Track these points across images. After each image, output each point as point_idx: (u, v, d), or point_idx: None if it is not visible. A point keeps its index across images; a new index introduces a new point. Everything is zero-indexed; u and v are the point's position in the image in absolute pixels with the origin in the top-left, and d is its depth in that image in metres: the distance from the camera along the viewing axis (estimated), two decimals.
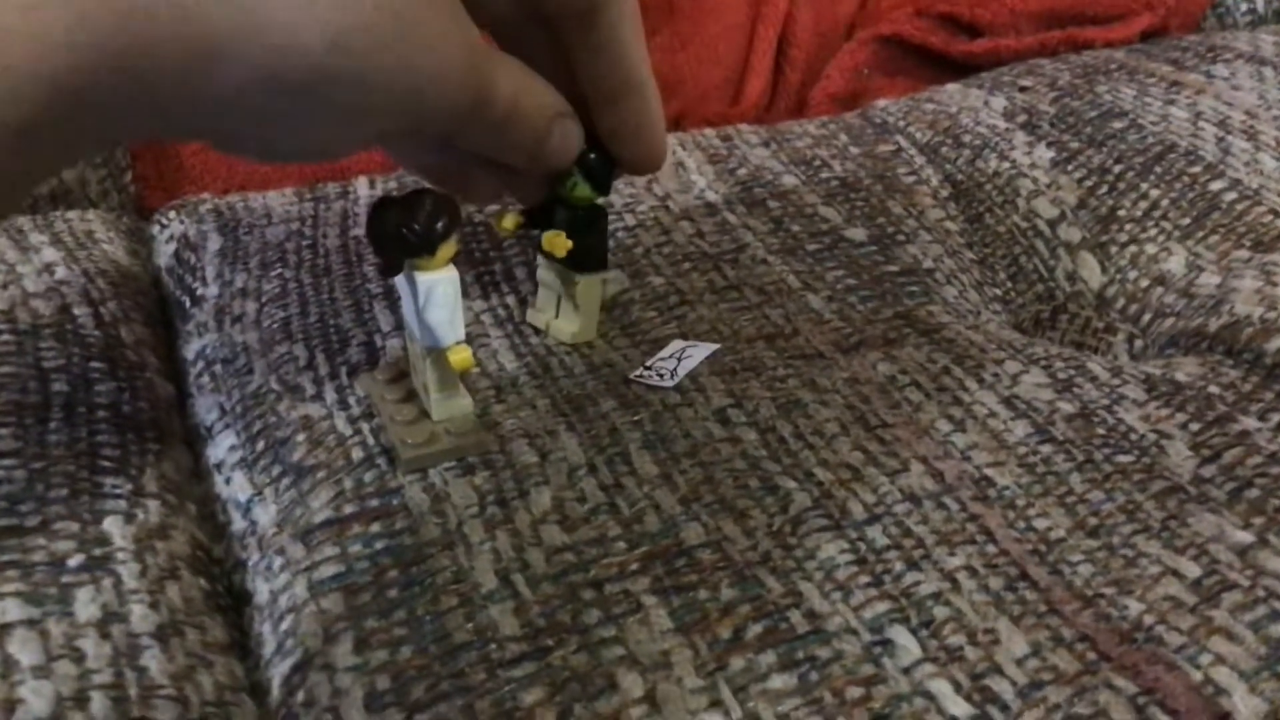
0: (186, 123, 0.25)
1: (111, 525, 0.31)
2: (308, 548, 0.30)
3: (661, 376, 0.35)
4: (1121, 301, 0.43)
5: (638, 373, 0.35)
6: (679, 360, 0.36)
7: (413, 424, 0.32)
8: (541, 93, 0.31)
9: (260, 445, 0.34)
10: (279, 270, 0.41)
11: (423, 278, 0.30)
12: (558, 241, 0.34)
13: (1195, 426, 0.33)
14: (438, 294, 0.30)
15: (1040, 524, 0.29)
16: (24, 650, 0.27)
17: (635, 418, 0.33)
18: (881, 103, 0.55)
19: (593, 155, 0.33)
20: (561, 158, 0.32)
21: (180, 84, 0.23)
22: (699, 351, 0.36)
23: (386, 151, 0.37)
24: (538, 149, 0.31)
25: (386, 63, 0.24)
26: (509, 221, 0.35)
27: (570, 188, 0.34)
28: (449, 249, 0.30)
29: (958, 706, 0.25)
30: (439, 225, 0.30)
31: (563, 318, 0.37)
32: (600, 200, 0.35)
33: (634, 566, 0.28)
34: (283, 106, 0.24)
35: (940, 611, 0.27)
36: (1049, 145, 0.49)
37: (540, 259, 0.37)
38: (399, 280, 0.31)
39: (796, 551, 0.29)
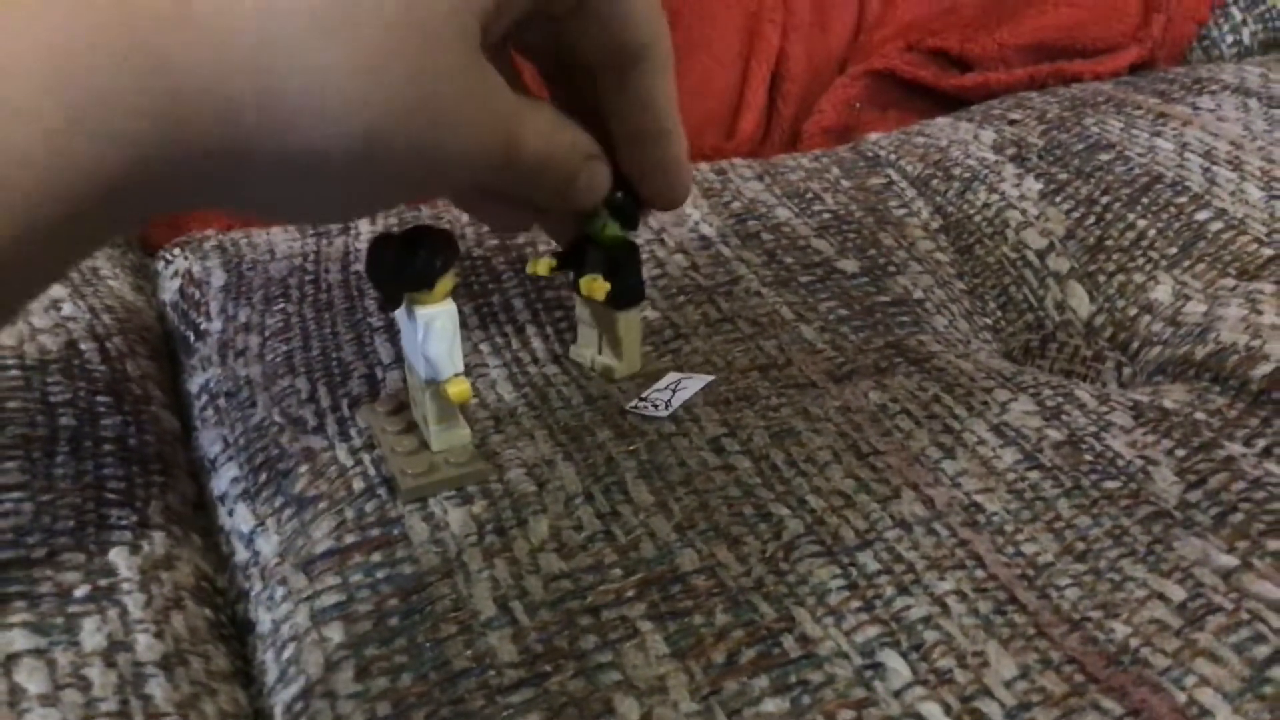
0: (222, 198, 0.26)
1: (117, 556, 0.31)
2: (309, 577, 0.31)
3: (656, 407, 0.36)
4: (1109, 330, 0.44)
5: (633, 404, 0.36)
6: (674, 391, 0.37)
7: (413, 455, 0.33)
8: (571, 138, 0.31)
9: (263, 477, 0.35)
10: (282, 305, 0.42)
11: (422, 312, 0.31)
12: (596, 287, 0.35)
13: (1181, 452, 0.33)
14: (436, 328, 0.31)
15: (1029, 549, 0.30)
16: (31, 679, 0.27)
17: (631, 447, 0.34)
18: (873, 136, 0.56)
19: (620, 195, 0.34)
20: (590, 198, 0.33)
21: (214, 180, 0.24)
22: (694, 383, 0.37)
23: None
24: (566, 190, 0.32)
25: (417, 145, 0.25)
26: (542, 266, 0.36)
27: (600, 229, 0.35)
28: (447, 283, 0.31)
29: None
30: (437, 261, 0.30)
31: (606, 353, 0.37)
32: (630, 236, 0.36)
33: (630, 593, 0.29)
34: (317, 189, 0.25)
35: (930, 635, 0.28)
36: (1037, 177, 0.50)
37: (577, 298, 0.37)
38: (399, 314, 0.32)
39: (789, 577, 0.29)
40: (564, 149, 0.31)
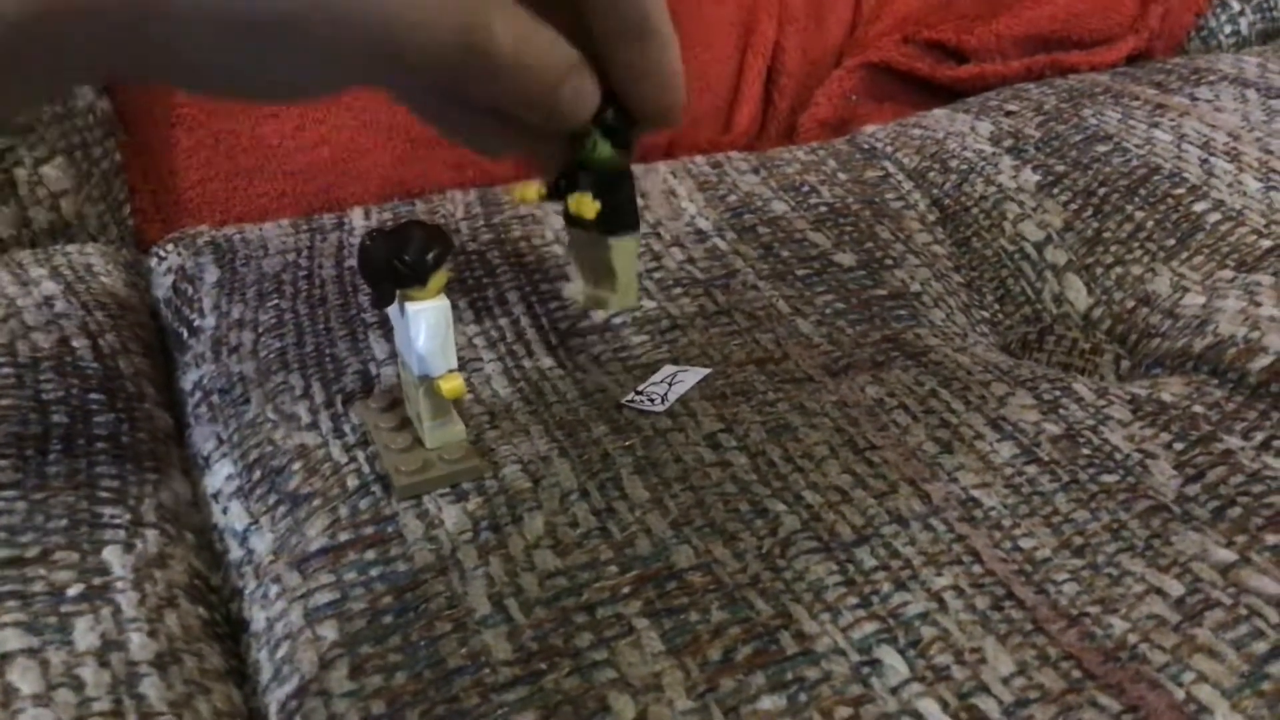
0: (149, 57, 0.24)
1: (110, 555, 0.31)
2: (303, 575, 0.30)
3: (652, 401, 0.35)
4: (1108, 322, 0.43)
5: (629, 398, 0.36)
6: (670, 385, 0.36)
7: (406, 452, 0.33)
8: (551, 44, 0.29)
9: (257, 474, 0.35)
10: (275, 301, 0.42)
11: (414, 308, 0.31)
12: (584, 202, 0.33)
13: (1179, 446, 0.33)
14: (429, 323, 0.31)
15: (1026, 544, 0.30)
16: (24, 679, 0.27)
17: (627, 443, 0.34)
18: (869, 128, 0.56)
19: (610, 110, 0.32)
20: (576, 113, 0.31)
21: (128, 24, 0.22)
22: (690, 376, 0.37)
23: (389, 94, 0.35)
24: (549, 103, 0.30)
25: (352, 9, 0.24)
26: (531, 191, 0.34)
27: (590, 148, 0.33)
28: (440, 279, 0.31)
29: None
30: (429, 256, 0.30)
31: (601, 287, 0.35)
32: (623, 160, 0.33)
33: (626, 590, 0.29)
34: (247, 43, 0.24)
35: (927, 631, 0.27)
36: (1035, 169, 0.50)
37: (569, 231, 0.35)
38: (391, 310, 0.32)
39: (786, 573, 0.29)
40: (542, 50, 0.29)
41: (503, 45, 0.27)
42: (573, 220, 0.34)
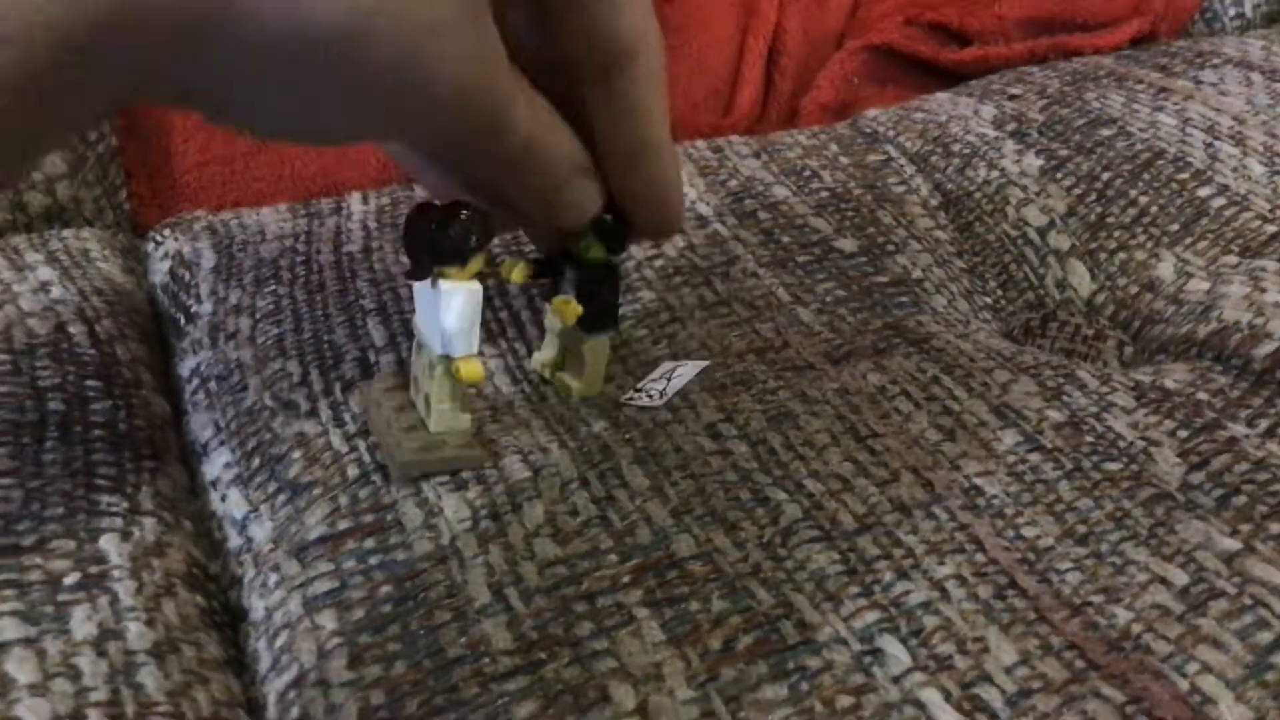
0: (182, 84, 0.24)
1: (108, 543, 0.31)
2: (302, 564, 0.30)
3: (651, 397, 0.35)
4: (1111, 308, 0.43)
5: (628, 395, 0.35)
6: (668, 380, 0.36)
7: (410, 431, 0.32)
8: (565, 142, 0.30)
9: (256, 462, 0.35)
10: (273, 287, 0.42)
11: (448, 286, 0.30)
12: (568, 310, 0.34)
13: (1183, 433, 0.33)
14: (460, 304, 0.30)
15: (1029, 532, 0.30)
16: (21, 669, 0.27)
17: (626, 435, 0.33)
18: (871, 112, 0.56)
19: (608, 217, 0.32)
20: (577, 216, 0.32)
21: (181, 40, 0.22)
22: (688, 370, 0.36)
23: (400, 164, 0.35)
24: (553, 200, 0.31)
25: (406, 48, 0.24)
26: (518, 273, 0.34)
27: (584, 249, 0.33)
28: (478, 263, 0.30)
29: (947, 715, 0.25)
30: (473, 237, 0.30)
31: (569, 370, 0.36)
32: (613, 260, 0.34)
33: (626, 579, 0.29)
34: (279, 77, 0.24)
35: (930, 620, 0.27)
36: (1038, 153, 0.49)
37: (548, 309, 0.36)
38: (420, 287, 0.31)
39: (787, 562, 0.29)
40: (555, 150, 0.30)
41: (520, 131, 0.28)
42: (552, 298, 0.35)
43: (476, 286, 0.30)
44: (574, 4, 0.29)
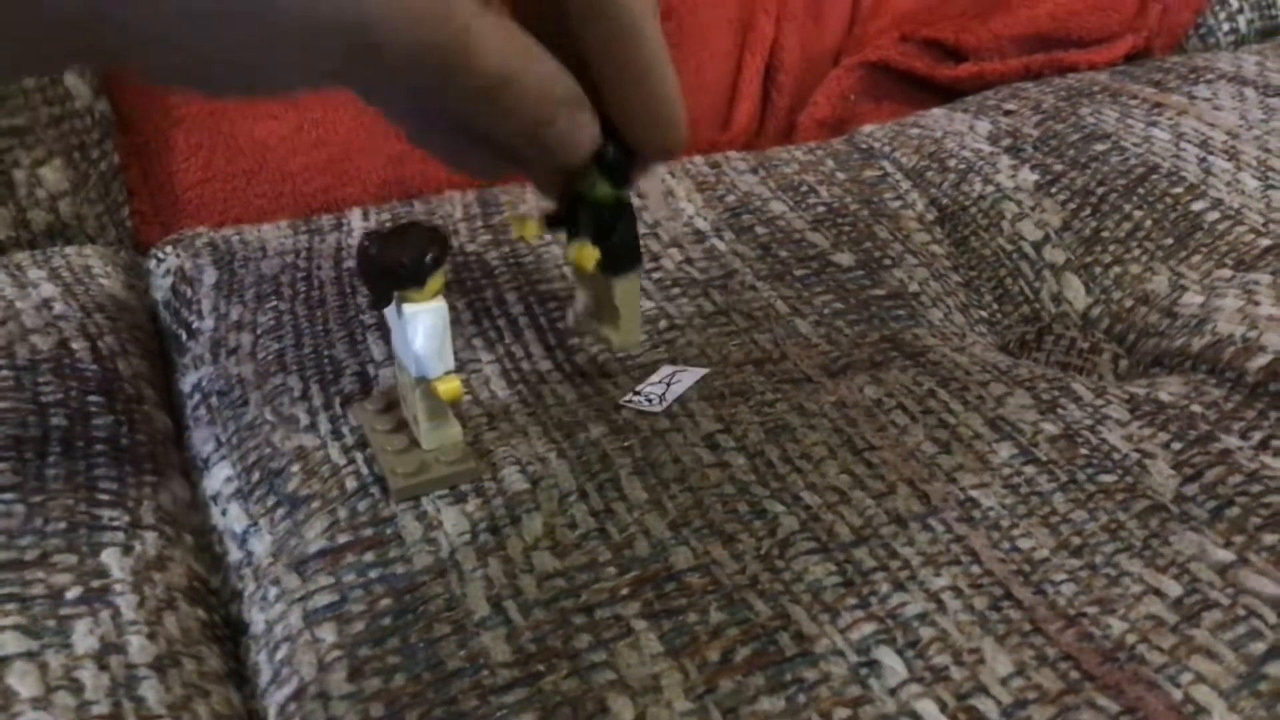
0: (120, 30, 0.23)
1: (109, 557, 0.31)
2: (302, 578, 0.31)
3: (650, 402, 0.35)
4: (1106, 322, 0.43)
5: (627, 398, 0.36)
6: (668, 385, 0.36)
7: (403, 453, 0.33)
8: (549, 70, 0.28)
9: (256, 476, 0.35)
10: (274, 302, 0.42)
11: (411, 309, 0.31)
12: (585, 255, 0.33)
13: (1177, 446, 0.33)
14: (426, 325, 0.31)
15: (1024, 544, 0.30)
16: (23, 682, 0.27)
17: (625, 444, 0.34)
18: (868, 128, 0.56)
19: (609, 148, 0.31)
20: (571, 150, 0.30)
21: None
22: (688, 376, 0.37)
23: (367, 101, 0.34)
24: (544, 135, 0.29)
25: None
26: (530, 229, 0.33)
27: (590, 187, 0.32)
28: (437, 281, 0.31)
29: None
30: (427, 258, 0.30)
31: (604, 322, 0.35)
32: (624, 194, 0.33)
33: (624, 591, 0.29)
34: (218, 19, 0.23)
35: (926, 632, 0.27)
36: (1033, 168, 0.50)
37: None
38: (388, 312, 0.32)
39: (784, 574, 0.29)
40: (536, 79, 0.28)
41: (490, 59, 0.26)
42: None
43: (440, 304, 0.31)
44: None
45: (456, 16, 0.25)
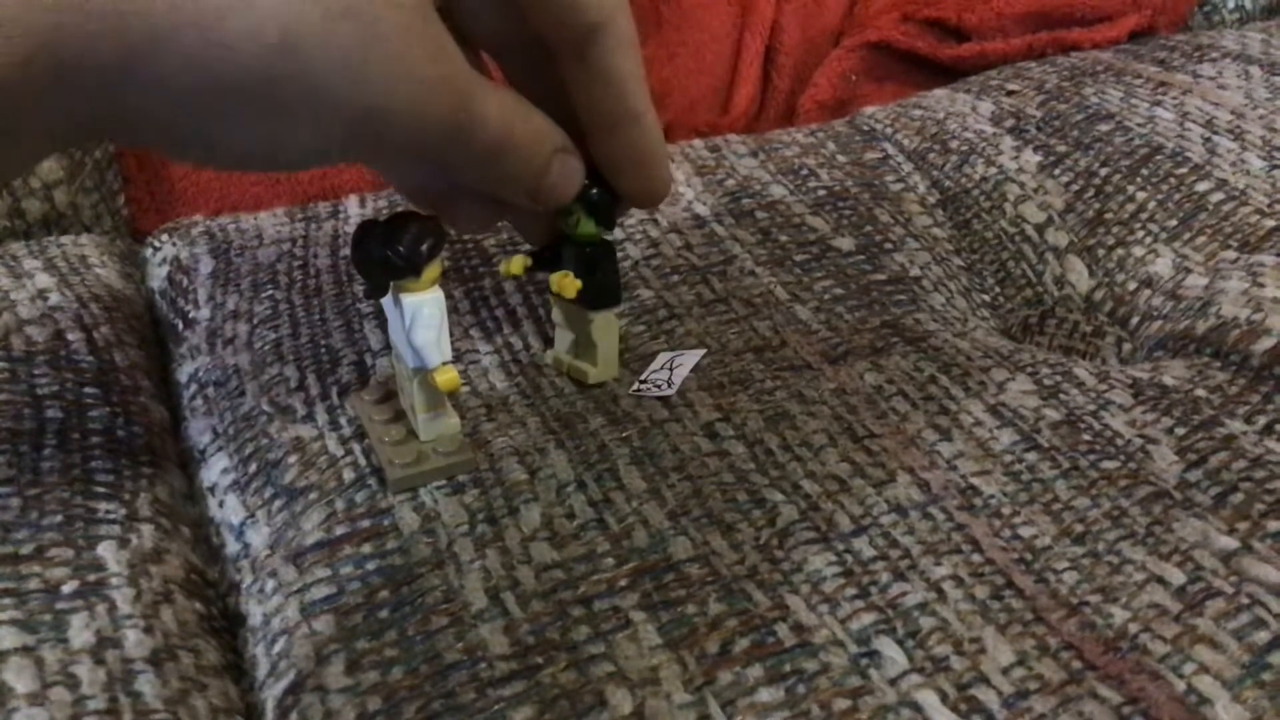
0: (132, 117, 0.24)
1: (105, 550, 0.31)
2: (299, 570, 0.30)
3: (659, 387, 0.35)
4: (1109, 305, 0.43)
5: (635, 387, 0.35)
6: (671, 370, 0.36)
7: (401, 444, 0.32)
8: (540, 126, 0.30)
9: (253, 467, 0.35)
10: (270, 291, 0.42)
11: (408, 299, 0.30)
12: (566, 283, 0.34)
13: (1181, 431, 0.33)
14: (423, 315, 0.30)
15: (1026, 532, 0.30)
16: (19, 678, 0.27)
17: (624, 434, 0.33)
18: (869, 110, 0.56)
19: (594, 190, 0.32)
20: (562, 194, 0.31)
21: (120, 73, 0.22)
22: (688, 359, 0.36)
23: (371, 169, 0.35)
24: (536, 185, 0.30)
25: (337, 68, 0.23)
26: (515, 265, 0.35)
27: (574, 225, 0.33)
28: (434, 270, 0.30)
29: (944, 717, 0.25)
30: (423, 247, 0.30)
31: (582, 358, 0.36)
32: (607, 235, 0.34)
33: (623, 582, 0.29)
34: (225, 106, 0.23)
35: (926, 622, 0.27)
36: (1036, 149, 0.49)
37: (552, 299, 0.36)
38: (385, 302, 0.32)
39: (784, 564, 0.29)
40: (529, 136, 0.29)
41: (491, 128, 0.27)
42: (557, 295, 0.35)
43: (437, 294, 0.30)
44: None
45: (459, 86, 0.26)
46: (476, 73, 0.27)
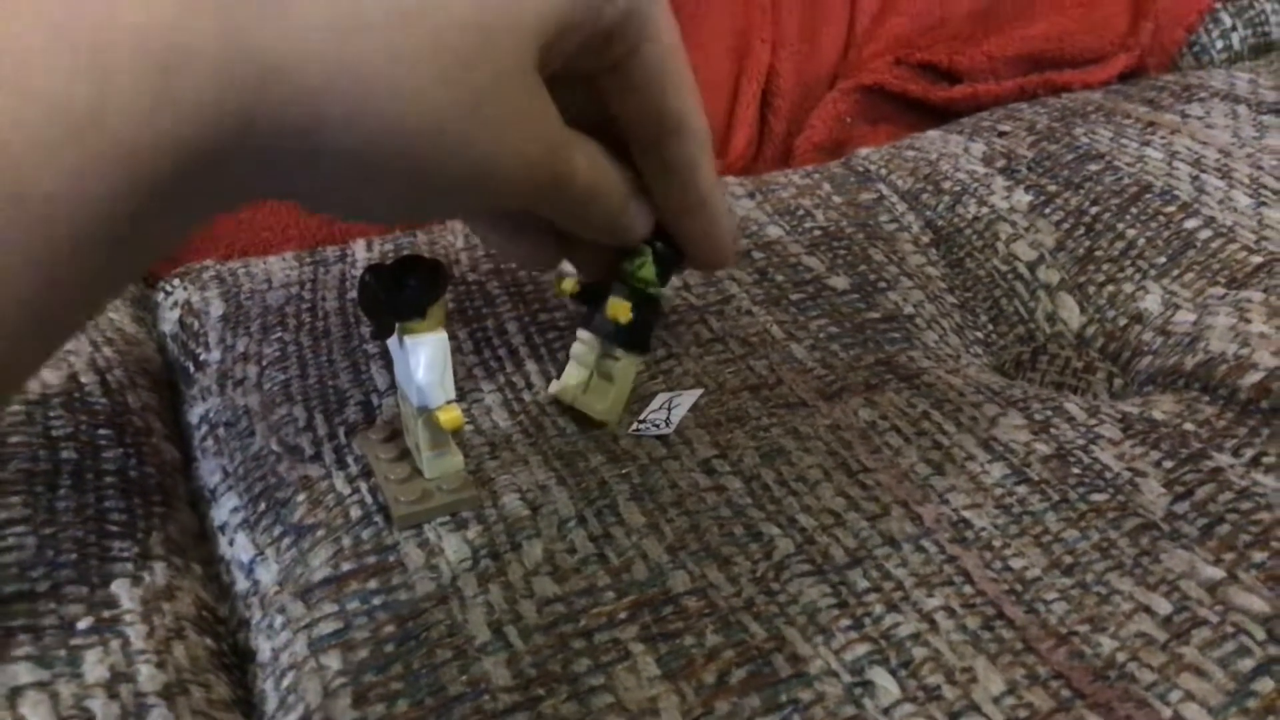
0: (289, 185, 0.26)
1: (119, 588, 0.32)
2: (308, 606, 0.31)
3: (658, 426, 0.36)
4: (1100, 341, 0.44)
5: (634, 427, 0.36)
6: (669, 410, 0.37)
7: (406, 482, 0.33)
8: (619, 174, 0.33)
9: (262, 506, 0.35)
10: (279, 334, 0.43)
11: (413, 340, 0.31)
12: (621, 307, 0.35)
13: (1169, 464, 0.34)
14: (427, 356, 0.31)
15: (1016, 563, 0.30)
16: (35, 712, 0.27)
17: (623, 471, 0.34)
18: (864, 151, 0.57)
19: (659, 245, 0.35)
20: (635, 234, 0.34)
21: (280, 165, 0.24)
22: (685, 399, 0.37)
23: (467, 224, 0.39)
24: (614, 225, 0.33)
25: (470, 145, 0.26)
26: (569, 285, 0.37)
27: (637, 267, 0.35)
28: (438, 312, 0.31)
29: None
30: (427, 290, 0.31)
31: (592, 393, 0.37)
32: (658, 289, 0.36)
33: (622, 615, 0.29)
34: (376, 176, 0.26)
35: (919, 652, 0.28)
36: (1027, 189, 0.50)
37: (580, 333, 0.37)
38: (390, 343, 0.33)
39: (780, 596, 0.30)
40: (612, 184, 0.32)
41: (581, 177, 0.30)
42: (588, 323, 0.37)
43: (441, 335, 0.31)
44: (623, 88, 0.31)
45: (560, 152, 0.29)
46: (568, 129, 0.30)
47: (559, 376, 0.38)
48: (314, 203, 0.28)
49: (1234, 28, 0.69)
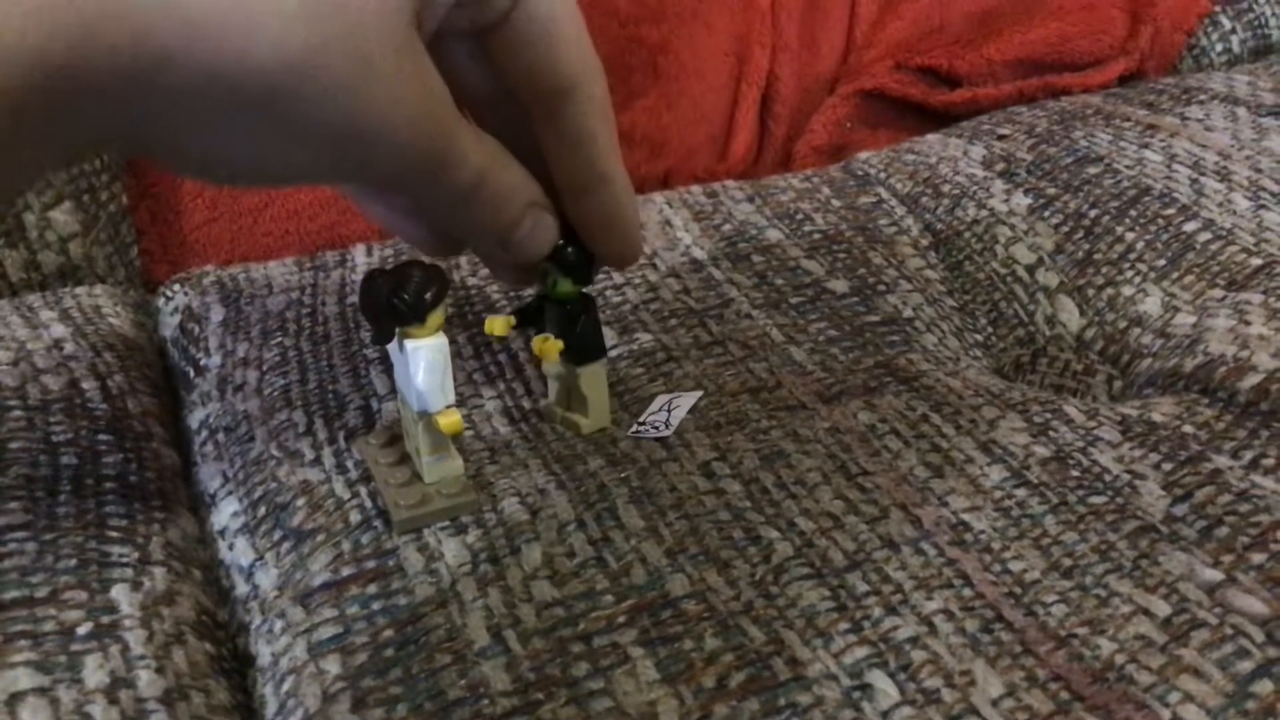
0: (134, 133, 0.25)
1: (119, 593, 0.32)
2: (307, 610, 0.31)
3: (657, 428, 0.36)
4: (1100, 343, 0.44)
5: (633, 429, 0.36)
6: (669, 412, 0.37)
7: (405, 486, 0.33)
8: (517, 178, 0.31)
9: (262, 511, 0.35)
10: (279, 339, 0.43)
11: (413, 345, 0.31)
12: (547, 348, 0.35)
13: (1168, 466, 0.34)
14: (428, 360, 0.31)
15: (1015, 566, 0.30)
16: (35, 718, 0.28)
17: (622, 474, 0.34)
18: (863, 155, 0.57)
19: (569, 249, 0.33)
20: (533, 249, 0.32)
21: (131, 86, 0.23)
22: (685, 401, 0.37)
23: (357, 206, 0.36)
24: (508, 235, 0.31)
25: (332, 91, 0.24)
26: (499, 325, 0.35)
27: (551, 285, 0.34)
28: (438, 317, 0.31)
29: None
30: (428, 295, 0.31)
31: (574, 410, 0.37)
32: (581, 293, 0.35)
33: (621, 619, 0.29)
34: (227, 120, 0.25)
35: (918, 655, 0.28)
36: (1026, 192, 0.50)
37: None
38: (391, 348, 0.33)
39: (779, 600, 0.30)
40: (504, 184, 0.30)
41: (468, 168, 0.28)
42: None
43: (441, 340, 0.31)
44: (511, 45, 0.29)
45: (445, 121, 0.27)
46: (461, 115, 0.28)
47: (541, 400, 0.38)
48: (167, 156, 0.27)
49: (1233, 30, 0.69)
